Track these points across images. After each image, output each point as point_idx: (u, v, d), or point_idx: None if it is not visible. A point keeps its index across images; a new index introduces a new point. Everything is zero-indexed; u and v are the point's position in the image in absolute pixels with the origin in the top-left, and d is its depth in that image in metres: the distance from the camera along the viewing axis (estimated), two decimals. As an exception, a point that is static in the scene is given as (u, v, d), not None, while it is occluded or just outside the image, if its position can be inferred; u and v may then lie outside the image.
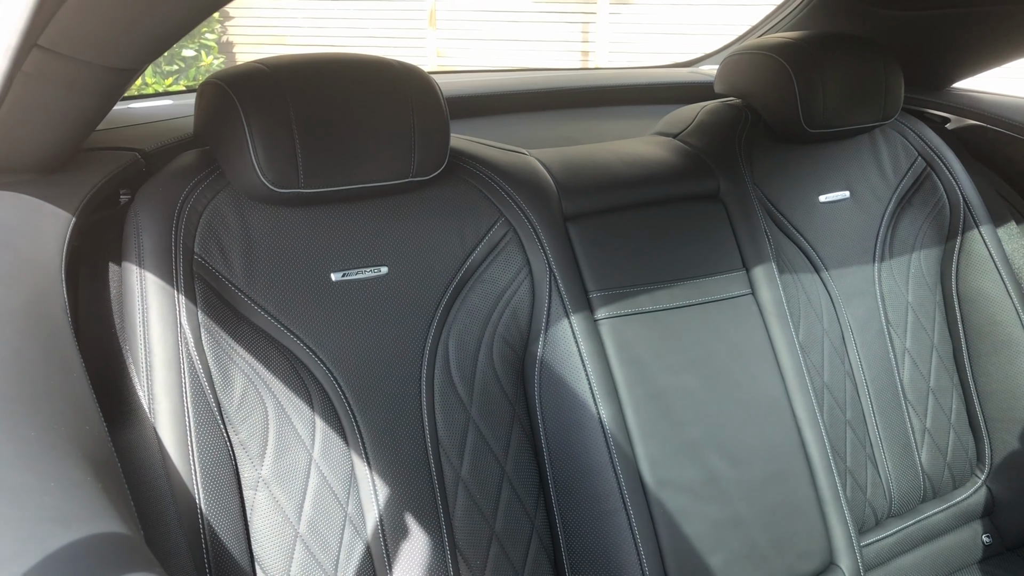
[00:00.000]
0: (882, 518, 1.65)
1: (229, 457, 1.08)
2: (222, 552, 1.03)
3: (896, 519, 1.66)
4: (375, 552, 1.15)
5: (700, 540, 1.28)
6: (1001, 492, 1.76)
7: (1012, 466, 1.75)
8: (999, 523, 1.77)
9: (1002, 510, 1.76)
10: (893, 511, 1.66)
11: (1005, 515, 1.76)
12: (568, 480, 1.29)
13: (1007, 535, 1.76)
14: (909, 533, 1.66)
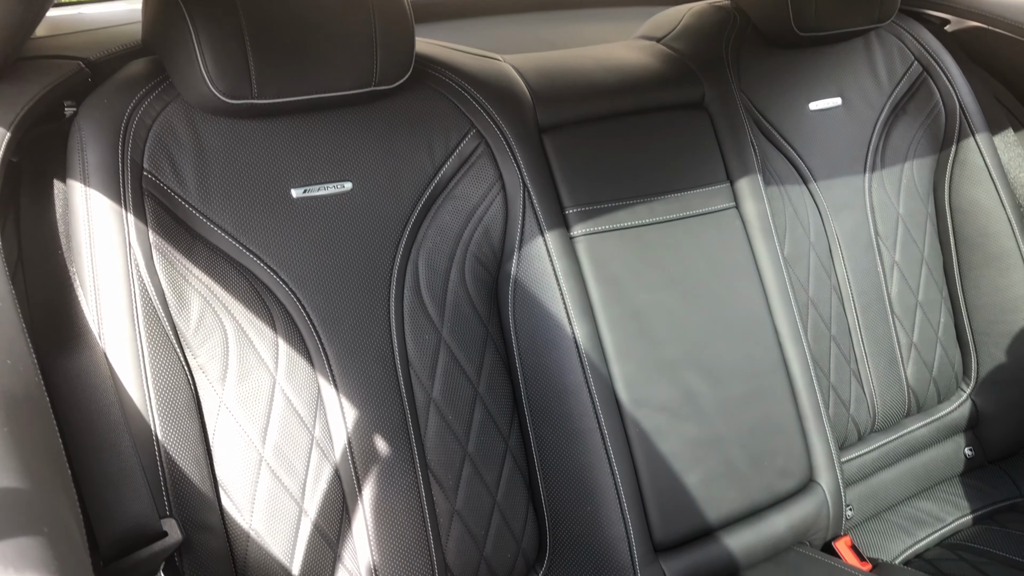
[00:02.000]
0: (865, 433, 1.63)
1: (187, 382, 1.05)
2: (181, 479, 1.00)
3: (879, 434, 1.65)
4: (344, 476, 1.13)
5: (676, 459, 1.26)
6: (985, 406, 1.74)
7: (998, 380, 1.73)
8: (982, 436, 1.76)
9: (986, 423, 1.75)
10: (876, 426, 1.65)
11: (988, 428, 1.75)
12: (542, 400, 1.26)
13: (989, 448, 1.76)
14: (892, 448, 1.65)
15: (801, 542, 1.40)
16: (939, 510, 1.65)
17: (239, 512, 1.06)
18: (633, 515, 1.23)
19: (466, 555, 1.21)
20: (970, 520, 1.64)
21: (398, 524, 1.16)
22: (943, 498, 1.68)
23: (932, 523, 1.61)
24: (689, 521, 1.27)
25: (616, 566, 1.22)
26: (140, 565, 0.91)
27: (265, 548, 1.07)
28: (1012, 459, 1.77)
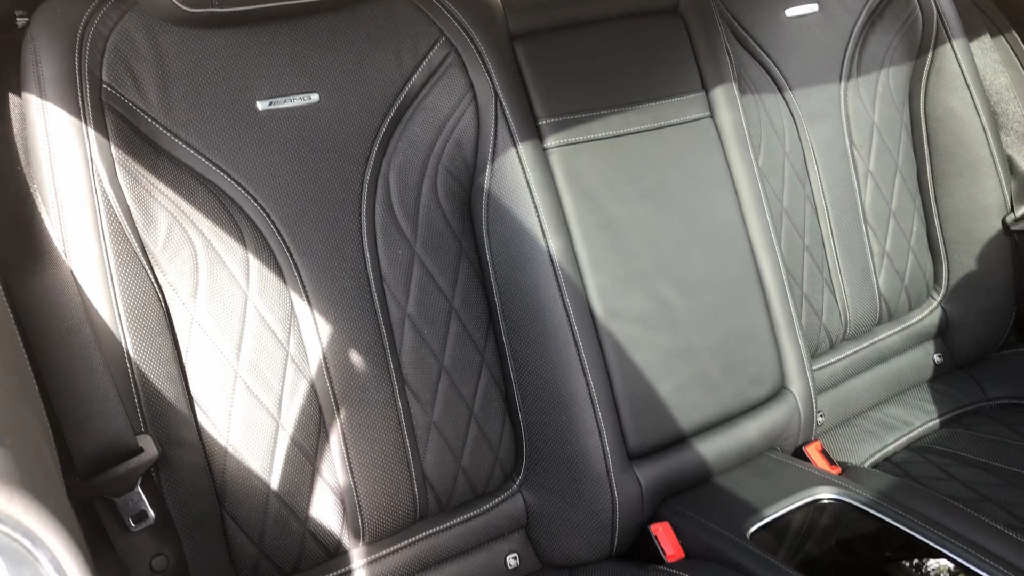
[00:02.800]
0: (836, 342, 1.65)
1: (158, 299, 1.04)
2: (155, 395, 1.00)
3: (850, 342, 1.67)
4: (320, 390, 1.13)
5: (650, 369, 1.28)
6: (955, 313, 1.77)
7: (967, 287, 1.75)
8: (951, 343, 1.79)
9: (955, 330, 1.78)
10: (848, 335, 1.67)
11: (957, 335, 1.78)
12: (517, 314, 1.26)
13: (958, 354, 1.79)
14: (863, 355, 1.67)
15: (772, 447, 1.43)
16: (907, 415, 1.68)
17: (215, 428, 1.07)
18: (607, 424, 1.24)
19: (444, 466, 1.23)
20: (937, 424, 1.67)
21: (376, 437, 1.17)
22: (911, 403, 1.71)
23: (900, 427, 1.65)
24: (662, 429, 1.29)
25: (591, 473, 1.24)
26: (117, 481, 0.92)
27: (243, 463, 1.08)
28: (979, 364, 1.81)
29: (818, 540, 1.21)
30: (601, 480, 1.25)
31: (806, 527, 1.24)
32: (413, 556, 1.22)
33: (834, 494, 1.28)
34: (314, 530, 1.14)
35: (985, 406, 1.72)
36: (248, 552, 1.10)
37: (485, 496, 1.29)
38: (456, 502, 1.26)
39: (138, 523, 0.94)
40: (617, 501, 1.25)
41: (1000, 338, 1.80)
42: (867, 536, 1.21)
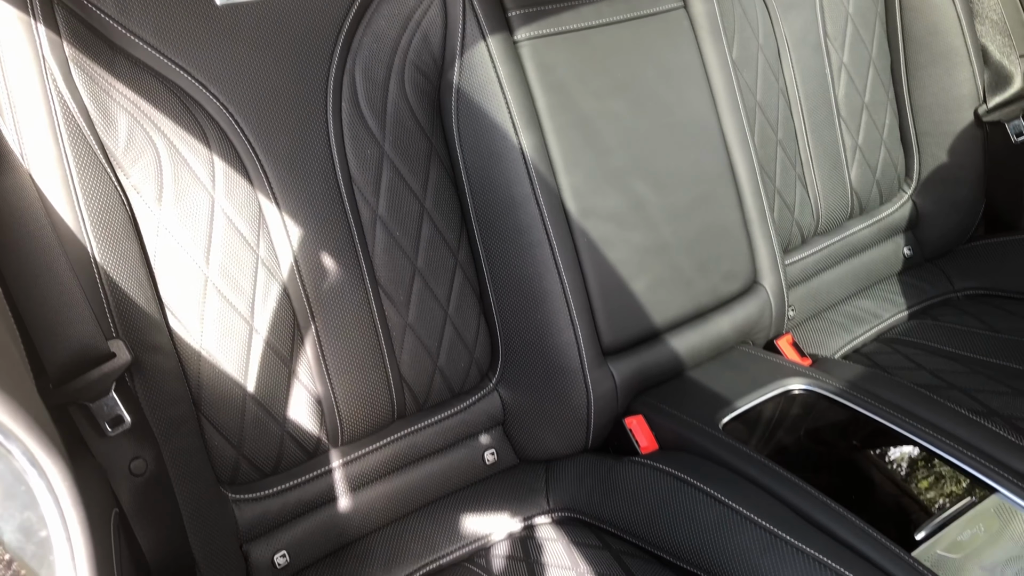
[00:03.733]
0: (808, 236, 1.66)
1: (122, 202, 1.01)
2: (124, 300, 0.99)
3: (822, 237, 1.68)
4: (293, 293, 1.12)
5: (624, 267, 1.28)
6: (925, 206, 1.78)
7: (938, 180, 1.75)
8: (920, 236, 1.80)
9: (925, 223, 1.79)
10: (820, 229, 1.68)
11: (927, 228, 1.79)
12: (490, 213, 1.25)
13: (927, 247, 1.81)
14: (834, 250, 1.68)
15: (744, 341, 1.44)
16: (877, 307, 1.71)
17: (188, 332, 1.06)
18: (582, 321, 1.25)
19: (420, 366, 1.23)
20: (906, 315, 1.70)
21: (351, 339, 1.16)
22: (881, 296, 1.74)
23: (870, 320, 1.68)
24: (636, 325, 1.30)
25: (566, 369, 1.25)
26: (91, 386, 0.91)
27: (218, 367, 1.08)
28: (948, 257, 1.83)
29: (788, 429, 1.24)
30: (576, 376, 1.26)
31: (777, 417, 1.27)
32: (392, 455, 1.23)
33: (804, 384, 1.30)
34: (292, 431, 1.14)
35: (953, 297, 1.75)
36: (227, 454, 1.11)
37: (462, 395, 1.30)
38: (433, 401, 1.27)
39: (114, 427, 0.94)
40: (592, 396, 1.26)
41: (969, 230, 1.82)
42: (837, 424, 1.24)
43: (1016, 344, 1.49)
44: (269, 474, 1.15)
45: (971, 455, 1.14)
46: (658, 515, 1.14)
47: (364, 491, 1.22)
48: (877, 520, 1.06)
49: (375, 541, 1.21)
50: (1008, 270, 1.73)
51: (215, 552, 1.08)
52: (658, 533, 1.13)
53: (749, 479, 1.15)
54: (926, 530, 1.05)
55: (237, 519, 1.11)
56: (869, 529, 1.04)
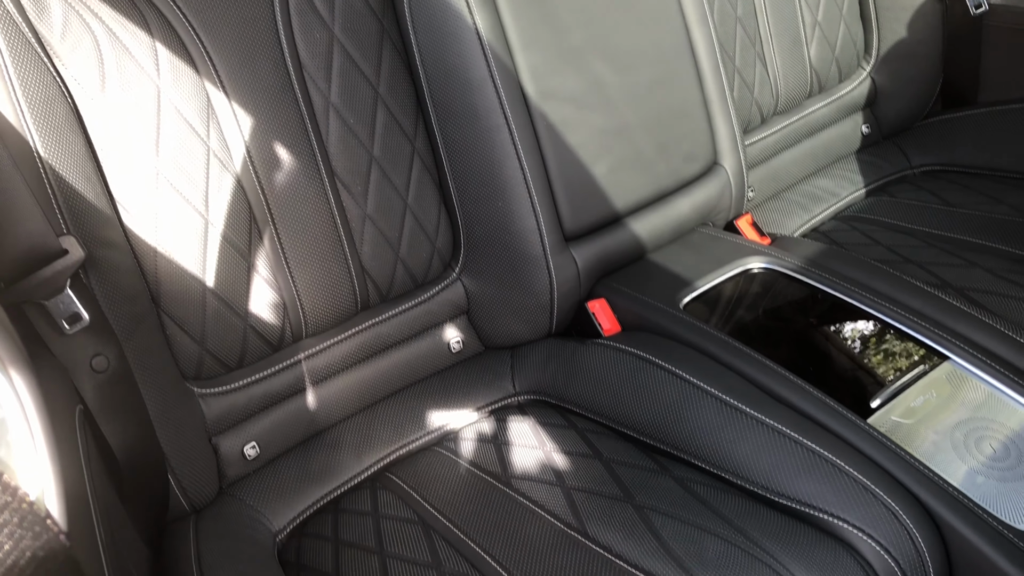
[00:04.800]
0: (768, 116, 1.65)
1: (62, 93, 0.97)
2: (73, 195, 0.96)
3: (781, 116, 1.67)
4: (247, 185, 1.09)
5: (584, 150, 1.26)
6: (884, 82, 1.77)
7: (897, 56, 1.74)
8: (879, 113, 1.80)
9: (883, 100, 1.79)
10: (779, 108, 1.67)
11: (885, 105, 1.79)
12: (446, 98, 1.22)
13: (885, 124, 1.81)
14: (793, 129, 1.68)
15: (705, 223, 1.45)
16: (835, 186, 1.72)
17: (141, 227, 1.03)
18: (543, 207, 1.24)
19: (382, 258, 1.22)
20: (863, 193, 1.72)
21: (309, 231, 1.15)
22: (839, 175, 1.75)
23: (828, 199, 1.69)
24: (597, 210, 1.29)
25: (528, 257, 1.25)
26: (44, 284, 0.89)
27: (175, 262, 1.06)
28: (905, 133, 1.83)
29: (748, 307, 1.26)
30: (538, 263, 1.26)
31: (736, 295, 1.28)
32: (357, 346, 1.24)
33: (763, 263, 1.32)
34: (255, 325, 1.14)
35: (910, 174, 1.77)
36: (190, 350, 1.10)
37: (425, 285, 1.30)
38: (396, 292, 1.27)
39: (72, 325, 0.92)
40: (555, 282, 1.27)
41: (926, 106, 1.82)
42: (795, 300, 1.26)
43: (970, 217, 1.52)
44: (234, 368, 1.15)
45: (925, 325, 1.17)
46: (621, 393, 1.16)
47: (331, 382, 1.23)
48: (834, 391, 1.09)
49: (345, 429, 1.23)
50: (964, 145, 1.75)
51: (184, 446, 1.08)
52: (622, 411, 1.16)
53: (710, 356, 1.17)
54: (881, 398, 1.08)
55: (204, 413, 1.11)
56: (826, 399, 1.07)
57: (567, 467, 1.10)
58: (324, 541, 1.07)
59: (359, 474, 1.18)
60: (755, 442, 1.03)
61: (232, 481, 1.15)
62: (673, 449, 1.09)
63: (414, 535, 1.05)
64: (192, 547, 1.03)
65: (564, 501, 1.05)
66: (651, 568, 0.93)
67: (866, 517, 0.94)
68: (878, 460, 1.00)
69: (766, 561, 0.92)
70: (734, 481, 1.03)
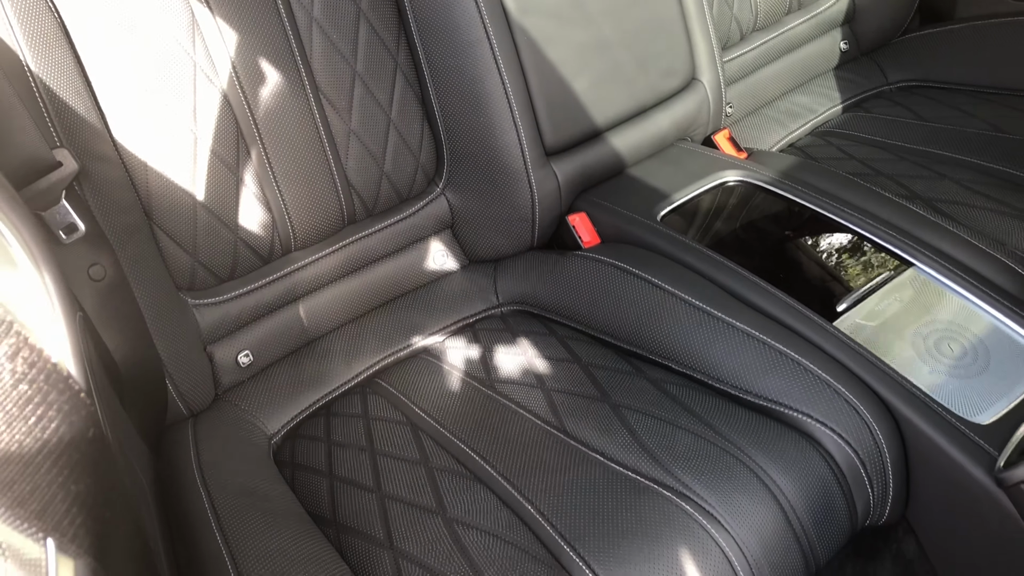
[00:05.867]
0: (747, 32, 1.67)
1: (49, 9, 0.99)
2: (64, 109, 0.98)
3: (760, 32, 1.69)
4: (233, 100, 1.12)
5: (564, 65, 1.28)
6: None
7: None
8: (857, 29, 1.82)
9: (861, 16, 1.80)
10: (758, 25, 1.68)
11: (863, 21, 1.81)
12: (427, 13, 1.24)
13: (863, 40, 1.83)
14: (772, 45, 1.70)
15: (683, 138, 1.48)
16: (812, 102, 1.74)
17: (132, 141, 1.06)
18: (524, 122, 1.27)
19: (367, 173, 1.26)
20: (840, 109, 1.75)
21: (295, 146, 1.18)
22: (817, 91, 1.77)
23: (805, 115, 1.72)
24: (578, 125, 1.32)
25: (510, 170, 1.28)
26: (40, 195, 0.92)
27: (164, 176, 1.09)
28: (883, 49, 1.85)
29: (724, 219, 1.30)
30: (520, 177, 1.29)
31: (713, 208, 1.32)
32: (345, 259, 1.28)
33: (739, 176, 1.36)
34: (245, 238, 1.17)
35: (886, 90, 1.79)
36: (183, 261, 1.14)
37: (410, 200, 1.33)
38: (382, 207, 1.30)
39: (69, 235, 0.96)
40: (536, 196, 1.30)
41: (903, 22, 1.84)
42: (769, 212, 1.30)
43: (941, 131, 1.55)
44: (226, 279, 1.19)
45: (891, 234, 1.21)
46: (600, 302, 1.21)
47: (321, 293, 1.27)
48: (803, 296, 1.14)
49: (334, 339, 1.27)
50: (939, 61, 1.77)
51: (180, 354, 1.13)
52: (600, 318, 1.21)
53: (685, 265, 1.21)
54: (847, 302, 1.13)
55: (199, 323, 1.16)
56: (795, 303, 1.12)
57: (547, 371, 1.15)
58: (317, 441, 1.13)
59: (349, 380, 1.23)
60: (726, 344, 1.08)
61: (227, 388, 1.20)
62: (648, 353, 1.14)
63: (403, 434, 1.10)
64: (192, 447, 1.08)
65: (544, 401, 1.10)
66: (625, 460, 0.99)
67: (828, 411, 1.00)
68: (841, 359, 1.06)
69: (734, 453, 0.98)
70: (705, 381, 1.08)
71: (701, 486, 0.94)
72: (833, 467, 0.98)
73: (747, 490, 0.94)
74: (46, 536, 0.36)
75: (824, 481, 0.97)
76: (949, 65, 1.76)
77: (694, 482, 0.95)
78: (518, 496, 0.98)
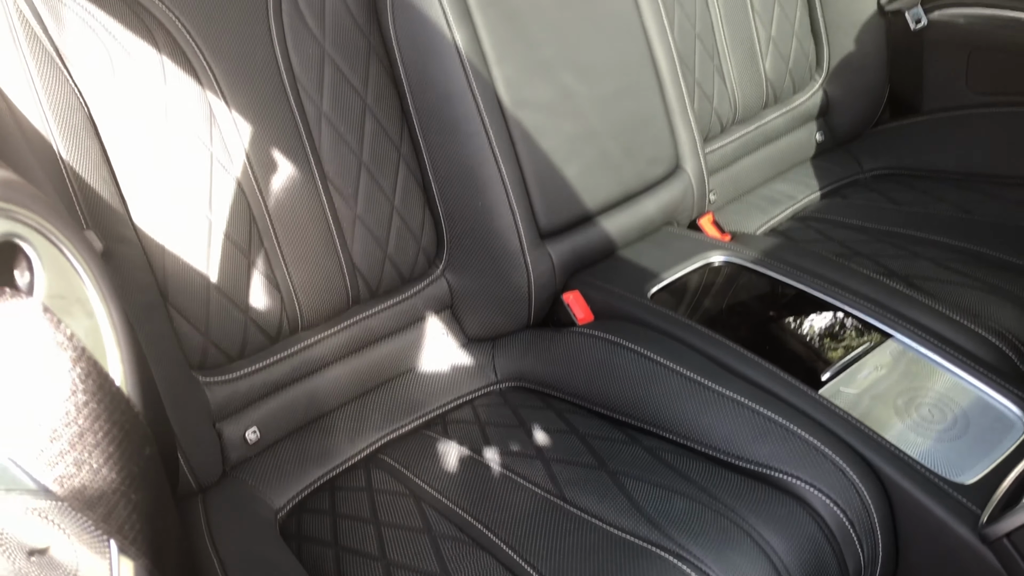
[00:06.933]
0: (727, 125, 1.77)
1: (80, 103, 1.06)
2: (91, 195, 1.05)
3: (740, 125, 1.79)
4: (247, 188, 1.19)
5: (556, 154, 1.37)
6: (835, 93, 1.90)
7: (846, 68, 1.87)
8: (831, 122, 1.93)
9: (835, 110, 1.91)
10: (737, 118, 1.79)
11: (837, 114, 1.92)
12: (428, 107, 1.32)
13: (838, 132, 1.94)
14: (751, 137, 1.80)
15: (669, 222, 1.56)
16: (792, 189, 1.84)
17: (151, 225, 1.12)
18: (520, 206, 1.34)
19: (371, 256, 1.32)
20: (818, 196, 1.84)
21: (304, 231, 1.24)
22: (795, 179, 1.87)
23: (785, 201, 1.81)
24: (570, 208, 1.40)
25: (507, 252, 1.35)
26: (68, 273, 0.98)
27: (180, 258, 1.15)
28: (857, 141, 1.96)
29: (710, 295, 1.37)
30: (516, 258, 1.36)
31: (699, 285, 1.39)
32: (349, 338, 1.33)
33: (724, 256, 1.43)
34: (255, 318, 1.23)
35: (861, 177, 1.89)
36: (196, 340, 1.19)
37: (411, 281, 1.40)
38: (385, 288, 1.36)
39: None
40: (532, 276, 1.37)
41: (875, 115, 1.95)
42: (753, 289, 1.37)
43: (914, 214, 1.64)
44: (236, 358, 1.23)
45: (870, 307, 1.28)
46: (595, 375, 1.26)
47: (326, 372, 1.31)
48: (789, 366, 1.20)
49: (339, 416, 1.32)
50: (911, 150, 1.87)
51: (191, 429, 1.16)
52: (595, 391, 1.25)
53: (675, 339, 1.27)
54: (831, 372, 1.19)
55: (209, 400, 1.20)
56: (781, 373, 1.18)
57: (546, 442, 1.20)
58: (322, 515, 1.16)
59: (353, 456, 1.27)
60: (716, 412, 1.13)
61: (235, 464, 1.24)
62: (642, 423, 1.19)
63: (406, 506, 1.14)
64: (203, 520, 1.11)
65: (544, 471, 1.14)
66: (624, 524, 1.02)
67: (816, 474, 1.04)
68: (827, 424, 1.11)
69: (728, 515, 1.01)
70: (698, 448, 1.13)
71: (698, 547, 0.98)
72: (823, 527, 1.01)
73: (742, 550, 0.97)
74: (110, 538, 0.41)
75: (815, 541, 1.00)
76: (919, 154, 1.86)
77: (691, 544, 0.98)
78: (520, 561, 1.01)
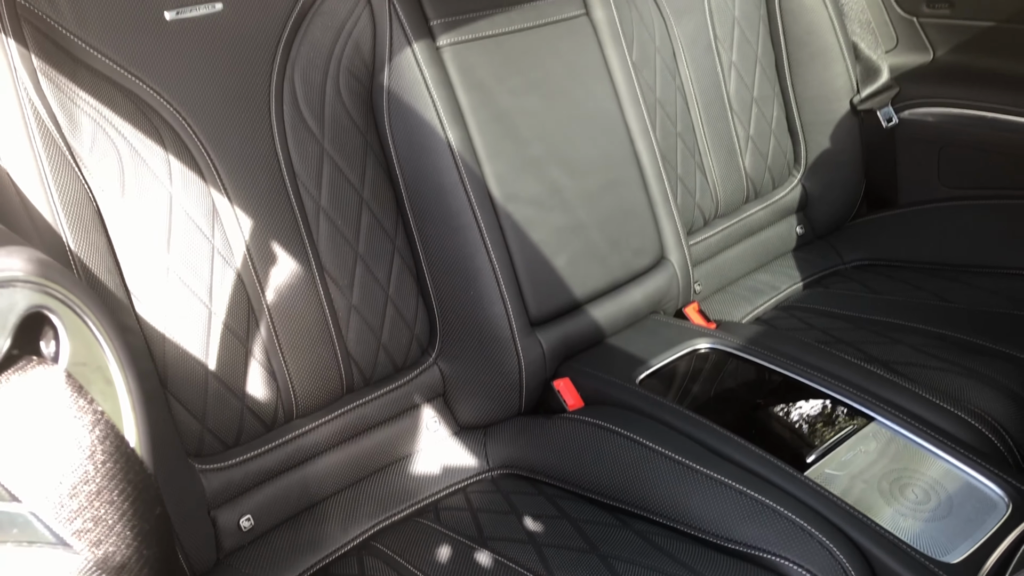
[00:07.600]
0: (709, 219, 1.84)
1: (89, 198, 1.11)
2: (97, 285, 1.09)
3: (722, 219, 1.86)
4: (246, 279, 1.23)
5: (545, 245, 1.42)
6: (813, 188, 1.97)
7: (823, 164, 1.95)
8: (811, 215, 2.00)
9: (814, 204, 1.99)
10: (719, 212, 1.85)
11: (816, 208, 1.99)
12: (423, 202, 1.38)
13: (817, 225, 2.01)
14: (733, 230, 1.86)
15: (656, 311, 1.60)
16: (775, 280, 1.89)
17: (153, 315, 1.16)
18: (510, 296, 1.39)
19: (366, 344, 1.36)
20: (801, 286, 1.89)
21: (301, 320, 1.28)
22: (778, 270, 1.93)
23: (768, 291, 1.86)
24: (559, 297, 1.45)
25: (498, 340, 1.39)
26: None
27: (181, 347, 1.18)
28: (836, 233, 2.03)
29: (697, 381, 1.40)
30: (508, 345, 1.40)
31: (688, 372, 1.43)
32: (343, 426, 1.35)
33: (710, 343, 1.47)
34: (251, 406, 1.25)
35: (842, 268, 1.95)
36: (192, 428, 1.21)
37: (405, 369, 1.43)
38: (379, 376, 1.39)
39: (94, 400, 1.04)
40: (523, 363, 1.40)
41: (853, 208, 2.03)
42: (738, 374, 1.40)
43: (893, 302, 1.69)
44: (231, 446, 1.25)
45: (852, 391, 1.31)
46: (585, 460, 1.28)
47: (320, 459, 1.33)
48: (774, 449, 1.22)
49: (332, 503, 1.33)
50: (888, 242, 1.94)
51: (186, 517, 1.18)
52: (586, 476, 1.27)
53: (664, 423, 1.30)
54: (815, 454, 1.22)
55: (204, 488, 1.21)
56: (767, 456, 1.20)
57: (537, 527, 1.21)
58: (315, 602, 1.16)
59: (346, 544, 1.28)
60: (704, 494, 1.15)
61: (229, 552, 1.24)
62: (632, 507, 1.21)
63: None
64: None
65: (536, 556, 1.15)
66: (615, 606, 1.03)
67: (803, 553, 1.06)
68: (813, 505, 1.13)
69: (718, 596, 1.03)
70: (687, 531, 1.14)
71: (688, 628, 0.99)
72: (812, 607, 1.03)
73: (732, 631, 0.98)
74: (124, 591, 0.43)
75: (805, 621, 1.02)
76: (896, 245, 1.93)
77: (681, 625, 0.99)
78: (513, 645, 1.01)
